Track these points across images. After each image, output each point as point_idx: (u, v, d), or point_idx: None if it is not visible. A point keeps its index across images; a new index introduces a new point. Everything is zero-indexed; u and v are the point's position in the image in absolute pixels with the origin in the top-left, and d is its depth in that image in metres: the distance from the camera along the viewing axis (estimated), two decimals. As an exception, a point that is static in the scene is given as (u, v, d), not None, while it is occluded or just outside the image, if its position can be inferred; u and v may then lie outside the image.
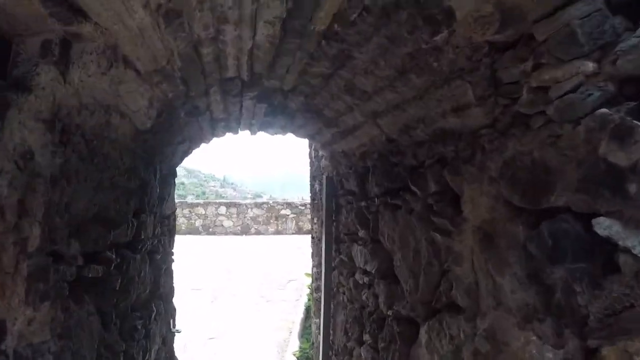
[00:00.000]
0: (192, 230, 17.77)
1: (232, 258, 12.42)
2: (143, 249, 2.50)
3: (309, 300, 7.73)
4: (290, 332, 7.13)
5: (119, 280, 2.02)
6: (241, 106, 2.95)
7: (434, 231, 1.92)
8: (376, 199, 2.63)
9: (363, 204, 2.90)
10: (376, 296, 2.63)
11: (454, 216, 1.80)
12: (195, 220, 17.92)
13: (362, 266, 2.94)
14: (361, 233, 2.98)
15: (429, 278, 2.00)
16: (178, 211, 16.70)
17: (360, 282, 2.97)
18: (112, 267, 1.94)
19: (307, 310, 7.44)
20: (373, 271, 2.68)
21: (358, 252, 3.03)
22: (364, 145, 2.78)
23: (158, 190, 2.92)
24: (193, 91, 2.32)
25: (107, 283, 1.90)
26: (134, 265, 2.28)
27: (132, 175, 2.22)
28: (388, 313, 2.42)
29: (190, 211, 17.98)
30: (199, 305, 8.02)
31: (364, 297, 2.89)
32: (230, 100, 2.76)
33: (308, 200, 17.80)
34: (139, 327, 2.48)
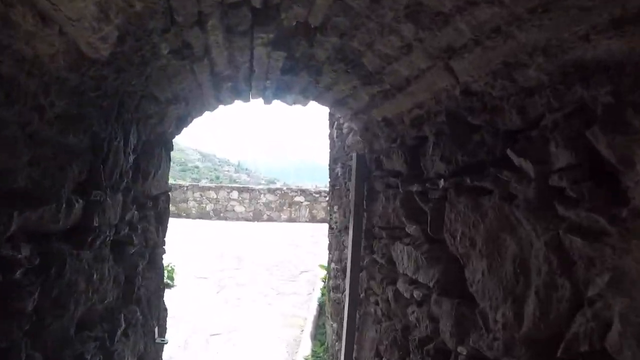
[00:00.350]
0: (203, 215, 17.11)
1: (242, 245, 11.72)
2: (98, 242, 1.70)
3: (322, 295, 6.97)
4: (302, 331, 6.38)
5: (37, 293, 1.23)
6: (251, 56, 2.16)
7: (568, 232, 1.11)
8: (441, 181, 1.80)
9: (415, 188, 2.07)
10: (434, 319, 1.82)
11: (609, 206, 0.99)
12: (206, 204, 17.25)
13: (408, 273, 2.13)
14: (410, 228, 2.17)
15: (549, 307, 1.18)
16: (189, 194, 16.10)
17: (406, 294, 2.16)
18: (19, 273, 1.16)
19: (321, 306, 6.67)
20: (430, 283, 1.86)
21: (403, 254, 2.22)
22: (420, 106, 1.96)
23: (132, 159, 2.12)
24: (180, 13, 1.53)
25: (6, 301, 1.12)
26: (75, 266, 1.48)
27: (74, 128, 1.42)
28: (458, 349, 1.61)
29: (201, 195, 17.30)
30: (204, 296, 7.32)
31: (410, 317, 2.08)
32: (237, 44, 1.97)
33: (323, 187, 17.02)
34: (92, 352, 1.71)
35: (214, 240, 12.30)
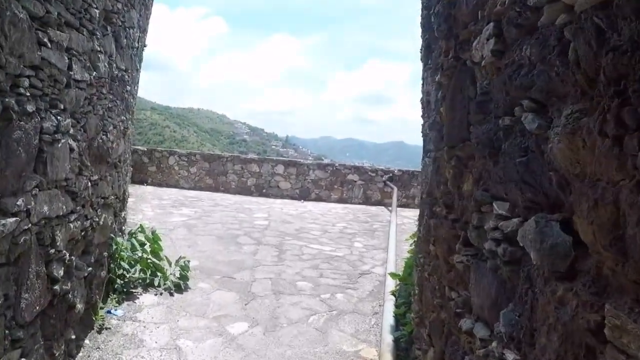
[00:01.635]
0: (243, 190, 15.18)
1: (284, 229, 9.67)
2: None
3: (395, 314, 4.81)
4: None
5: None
6: None
7: None
8: None
9: None
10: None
11: None
12: (247, 178, 15.29)
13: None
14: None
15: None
16: (228, 167, 14.09)
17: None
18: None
19: (398, 342, 4.41)
20: None
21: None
22: None
23: None
24: None
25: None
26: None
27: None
28: None
29: (242, 167, 15.35)
30: (226, 309, 5.25)
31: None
32: None
33: (379, 166, 14.67)
34: None
35: (250, 221, 10.32)
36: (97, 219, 4.25)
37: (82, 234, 3.78)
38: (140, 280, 5.50)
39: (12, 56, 2.30)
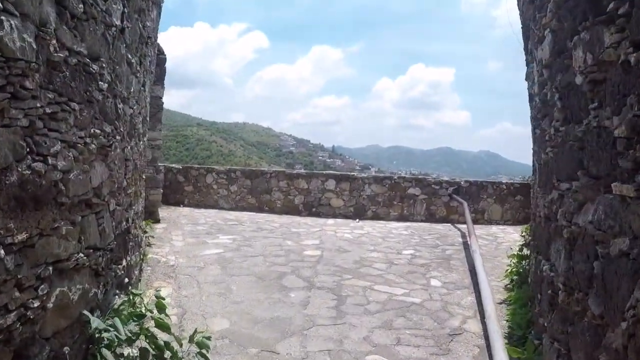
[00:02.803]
0: (290, 209, 13.38)
1: (341, 264, 7.79)
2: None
3: None
4: None
5: None
6: None
7: None
8: None
9: None
10: None
11: None
12: (295, 196, 13.49)
13: None
14: None
15: None
16: (273, 183, 12.20)
17: None
18: None
19: None
20: None
21: None
22: None
23: None
24: None
25: None
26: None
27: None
28: None
29: (289, 184, 13.56)
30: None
31: None
32: None
33: (443, 177, 12.66)
34: None
35: (299, 251, 8.52)
36: (35, 303, 2.48)
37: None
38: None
39: None
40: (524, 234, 10.32)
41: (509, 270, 7.00)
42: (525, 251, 6.88)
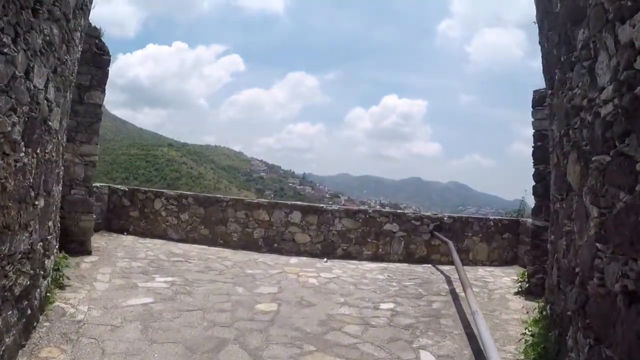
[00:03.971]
0: (248, 244, 11.55)
1: (301, 326, 6.05)
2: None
3: None
4: None
5: None
6: None
7: None
8: None
9: None
10: None
11: None
12: (254, 228, 11.67)
13: None
14: None
15: None
16: (229, 213, 10.32)
17: None
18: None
19: None
20: None
21: None
22: None
23: None
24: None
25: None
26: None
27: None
28: None
29: (247, 214, 11.75)
30: None
31: None
32: None
33: (423, 213, 11.16)
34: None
35: (250, 304, 6.76)
36: None
37: None
38: None
39: None
40: (520, 281, 8.79)
41: (527, 342, 5.38)
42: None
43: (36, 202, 5.03)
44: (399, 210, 12.73)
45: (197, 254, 10.27)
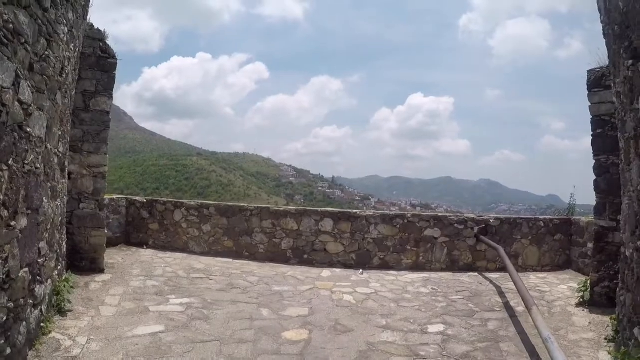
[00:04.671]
0: (276, 255, 10.59)
1: (337, 353, 5.08)
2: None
3: None
4: None
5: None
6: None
7: None
8: None
9: None
10: None
11: None
12: (281, 239, 10.71)
13: None
14: None
15: None
16: (254, 223, 9.47)
17: None
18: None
19: None
20: None
21: None
22: None
23: None
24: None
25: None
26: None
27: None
28: None
29: (274, 224, 10.80)
30: None
31: None
32: None
33: (467, 214, 10.15)
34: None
35: (276, 331, 5.80)
36: None
37: None
38: None
39: None
40: (582, 290, 7.66)
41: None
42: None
43: (12, 223, 4.15)
44: (440, 214, 11.58)
45: (220, 268, 9.37)
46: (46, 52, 4.87)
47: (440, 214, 11.35)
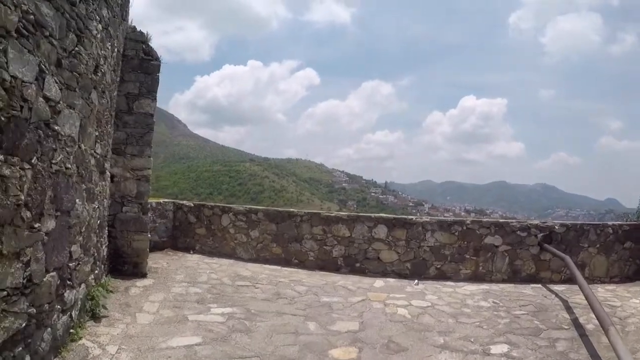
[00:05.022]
0: (326, 263, 10.09)
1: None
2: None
3: None
4: None
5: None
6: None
7: None
8: None
9: None
10: None
11: None
12: (332, 246, 10.20)
13: None
14: None
15: None
16: (304, 229, 8.79)
17: None
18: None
19: None
20: None
21: None
22: None
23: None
24: None
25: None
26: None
27: None
28: None
29: (324, 230, 10.30)
30: None
31: None
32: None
33: (530, 220, 9.42)
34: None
35: (322, 348, 5.28)
36: None
37: None
38: None
39: None
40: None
41: None
42: None
43: (36, 225, 3.82)
44: (501, 220, 10.78)
45: (267, 276, 8.95)
46: (76, 48, 4.56)
47: (501, 220, 10.54)
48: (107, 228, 7.55)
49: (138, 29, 8.37)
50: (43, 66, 3.77)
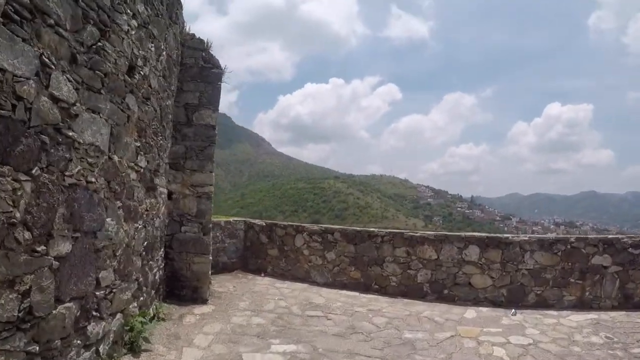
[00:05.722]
0: (410, 289, 8.95)
1: None
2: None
3: None
4: None
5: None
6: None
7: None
8: None
9: None
10: None
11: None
12: (417, 270, 9.05)
13: None
14: None
15: None
16: (385, 251, 6.98)
17: None
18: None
19: None
20: None
21: None
22: None
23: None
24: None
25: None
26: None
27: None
28: None
29: (408, 252, 9.17)
30: None
31: None
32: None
33: (600, 228, 7.59)
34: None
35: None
36: None
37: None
38: None
39: None
40: None
41: None
42: None
43: (39, 248, 3.11)
44: (610, 236, 9.12)
45: (342, 304, 7.97)
46: (98, 43, 3.84)
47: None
48: (162, 250, 6.89)
49: (197, 36, 7.80)
50: (47, 60, 3.08)
